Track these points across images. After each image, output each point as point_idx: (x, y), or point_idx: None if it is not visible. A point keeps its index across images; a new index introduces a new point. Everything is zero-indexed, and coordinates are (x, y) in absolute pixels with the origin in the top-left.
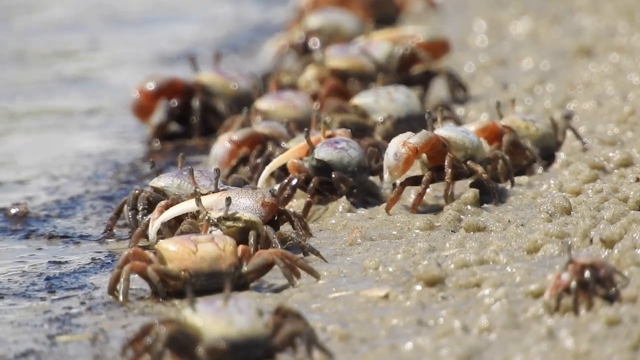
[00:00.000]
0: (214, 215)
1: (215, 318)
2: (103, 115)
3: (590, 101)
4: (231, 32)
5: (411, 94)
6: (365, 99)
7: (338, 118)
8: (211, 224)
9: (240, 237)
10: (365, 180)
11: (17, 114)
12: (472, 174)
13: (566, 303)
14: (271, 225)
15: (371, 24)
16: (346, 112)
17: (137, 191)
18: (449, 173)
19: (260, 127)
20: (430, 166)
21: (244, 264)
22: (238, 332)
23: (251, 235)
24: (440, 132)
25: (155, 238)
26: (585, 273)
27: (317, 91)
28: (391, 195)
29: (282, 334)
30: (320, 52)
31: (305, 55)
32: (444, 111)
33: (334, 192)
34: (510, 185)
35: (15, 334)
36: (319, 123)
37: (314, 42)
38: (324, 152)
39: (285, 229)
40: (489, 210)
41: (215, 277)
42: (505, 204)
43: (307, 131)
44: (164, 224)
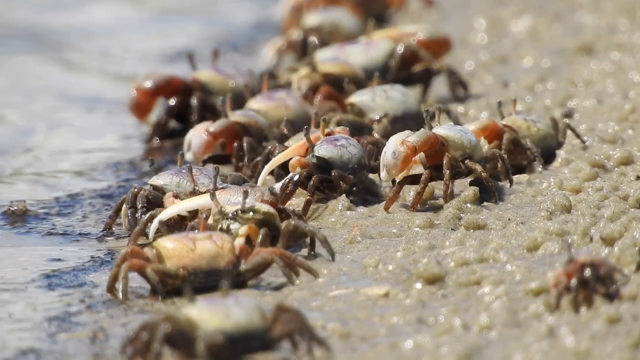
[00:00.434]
0: (229, 209)
1: (212, 311)
2: (102, 112)
3: (590, 99)
4: (231, 30)
5: (407, 92)
6: (362, 97)
7: (335, 117)
8: (228, 218)
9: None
10: (365, 177)
11: (17, 112)
12: (470, 173)
13: (566, 301)
14: None
15: (372, 21)
16: (342, 112)
17: (136, 189)
18: (448, 174)
19: (236, 116)
20: (428, 165)
21: (242, 262)
22: (235, 325)
23: (261, 234)
24: (439, 131)
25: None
26: (586, 271)
27: (308, 93)
28: (390, 194)
29: (281, 329)
30: (313, 57)
31: (304, 55)
32: (442, 110)
33: (334, 190)
34: (509, 184)
35: (14, 332)
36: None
37: (312, 41)
38: (324, 150)
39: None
40: (488, 208)
41: (213, 275)
42: (505, 202)
43: (307, 129)
44: (161, 222)
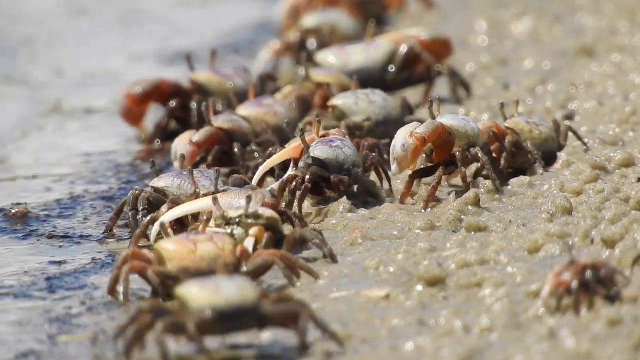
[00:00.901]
0: (232, 214)
1: (202, 287)
2: (103, 114)
3: (591, 101)
4: (231, 32)
5: (388, 98)
6: (344, 100)
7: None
8: (231, 223)
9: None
10: (361, 176)
11: (17, 113)
12: (474, 161)
13: (566, 303)
14: None
15: (372, 22)
16: (324, 116)
17: (137, 191)
18: (464, 171)
19: (219, 122)
20: (435, 156)
21: (243, 264)
22: (225, 301)
23: (265, 238)
24: (443, 120)
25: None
26: (587, 273)
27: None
28: (402, 190)
29: (280, 310)
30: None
31: (301, 54)
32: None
33: (331, 188)
34: (494, 187)
35: (15, 334)
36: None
37: (310, 43)
38: (319, 151)
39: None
40: (489, 210)
41: None
42: (506, 204)
43: (302, 130)
44: (162, 224)
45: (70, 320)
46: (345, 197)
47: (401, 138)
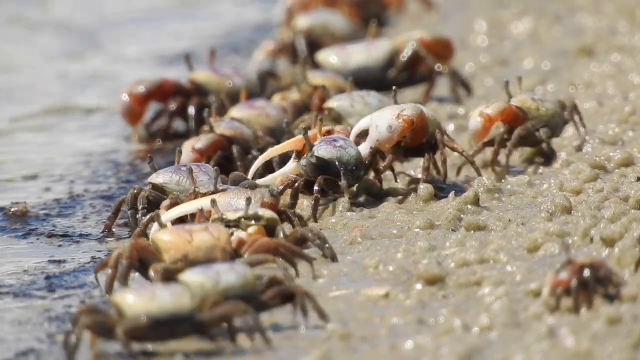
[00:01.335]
0: (231, 216)
1: (200, 274)
2: (103, 114)
3: (591, 101)
4: (231, 32)
5: (383, 99)
6: (340, 102)
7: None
8: (231, 226)
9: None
10: (364, 176)
11: (17, 113)
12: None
13: (566, 302)
14: None
15: (374, 22)
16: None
17: (136, 190)
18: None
19: (221, 129)
20: (409, 142)
21: (242, 252)
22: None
23: (278, 231)
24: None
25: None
26: (585, 272)
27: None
28: (381, 169)
29: (272, 291)
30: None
31: (295, 57)
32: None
33: (332, 188)
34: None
35: (15, 333)
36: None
37: (299, 43)
38: (323, 150)
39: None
40: (489, 209)
41: None
42: (506, 203)
43: (305, 130)
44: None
45: (69, 319)
46: (345, 196)
47: (388, 119)
